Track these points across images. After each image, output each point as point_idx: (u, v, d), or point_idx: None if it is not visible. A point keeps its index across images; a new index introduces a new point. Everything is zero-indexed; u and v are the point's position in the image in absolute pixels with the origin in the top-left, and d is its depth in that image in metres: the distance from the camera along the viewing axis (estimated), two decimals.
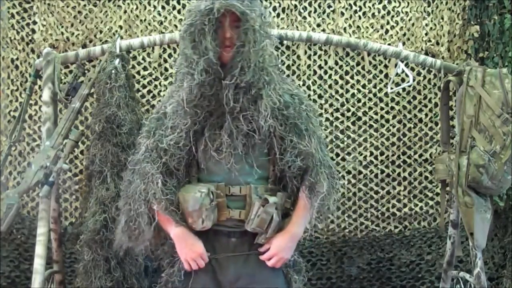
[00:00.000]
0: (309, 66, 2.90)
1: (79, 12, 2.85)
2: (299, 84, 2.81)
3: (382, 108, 2.93)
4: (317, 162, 1.84)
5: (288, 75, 1.96)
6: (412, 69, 2.88)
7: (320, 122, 2.03)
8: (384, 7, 2.94)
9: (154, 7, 2.86)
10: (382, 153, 2.94)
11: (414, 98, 2.95)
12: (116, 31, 2.83)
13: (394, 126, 2.94)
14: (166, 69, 2.86)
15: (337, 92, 2.91)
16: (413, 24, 2.95)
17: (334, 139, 2.91)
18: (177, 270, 1.91)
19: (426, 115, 2.95)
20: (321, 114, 2.86)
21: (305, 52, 2.89)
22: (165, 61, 2.86)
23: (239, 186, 1.83)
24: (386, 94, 2.91)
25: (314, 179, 1.84)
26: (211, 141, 1.81)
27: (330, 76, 2.91)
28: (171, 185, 1.83)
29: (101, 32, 2.85)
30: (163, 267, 1.99)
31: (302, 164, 1.83)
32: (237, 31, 1.75)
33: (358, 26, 2.93)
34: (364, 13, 2.93)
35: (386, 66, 2.92)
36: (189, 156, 1.85)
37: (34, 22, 2.87)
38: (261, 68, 1.78)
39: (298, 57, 2.89)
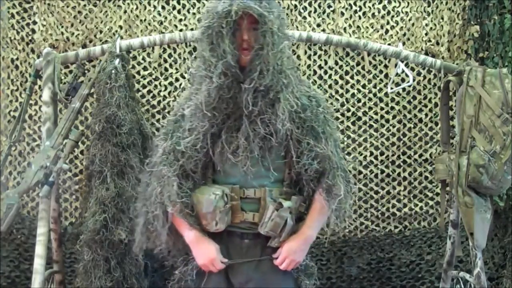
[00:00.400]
0: (309, 66, 2.90)
1: (79, 12, 2.85)
2: None
3: (382, 108, 2.93)
4: (334, 165, 1.84)
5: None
6: (412, 69, 2.87)
7: (337, 125, 2.02)
8: (384, 7, 2.94)
9: (154, 7, 2.86)
10: (382, 153, 2.94)
11: (414, 98, 2.95)
12: (116, 31, 2.83)
13: (394, 126, 2.94)
14: (166, 69, 2.86)
15: (337, 92, 2.91)
16: (413, 24, 2.95)
17: None
18: (190, 269, 1.92)
19: (426, 115, 2.95)
20: None
21: (305, 52, 2.89)
22: (165, 61, 2.86)
23: (254, 189, 1.84)
24: (386, 94, 2.91)
25: (331, 182, 1.83)
26: (228, 144, 1.81)
27: (330, 76, 2.91)
28: (187, 187, 1.84)
29: (101, 32, 2.85)
30: (176, 264, 1.98)
31: (319, 167, 1.82)
32: (255, 33, 1.75)
33: (358, 26, 2.92)
34: (364, 13, 2.93)
35: (386, 66, 2.92)
36: (206, 158, 1.85)
37: (34, 22, 2.87)
38: (280, 71, 1.78)
39: (298, 57, 2.89)
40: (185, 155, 1.83)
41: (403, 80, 2.79)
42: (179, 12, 2.87)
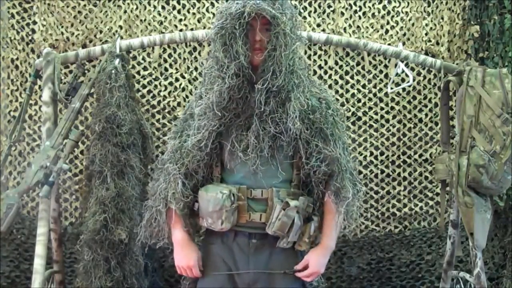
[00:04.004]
0: (309, 66, 2.90)
1: (79, 12, 2.85)
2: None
3: (382, 108, 2.93)
4: (343, 167, 1.85)
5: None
6: (412, 69, 2.87)
7: (346, 126, 2.03)
8: (384, 7, 2.94)
9: (154, 7, 2.86)
10: (382, 153, 2.94)
11: (414, 98, 2.95)
12: (116, 31, 2.83)
13: (394, 126, 2.94)
14: (166, 69, 2.86)
15: (337, 92, 2.91)
16: (413, 24, 2.95)
17: None
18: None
19: (426, 115, 2.95)
20: None
21: (305, 52, 2.89)
22: (165, 61, 2.86)
23: (261, 190, 1.84)
24: (386, 94, 2.91)
25: (339, 184, 1.84)
26: (238, 142, 1.83)
27: (330, 76, 2.91)
28: (190, 186, 1.86)
29: (101, 32, 2.85)
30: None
31: (327, 169, 1.83)
32: (268, 34, 1.76)
33: (358, 26, 2.92)
34: (364, 13, 2.93)
35: (386, 66, 2.92)
36: (210, 157, 1.86)
37: (34, 22, 2.87)
38: (291, 71, 1.79)
39: None
40: (189, 154, 1.85)
41: (403, 80, 2.79)
42: (179, 12, 2.87)
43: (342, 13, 2.91)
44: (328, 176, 1.86)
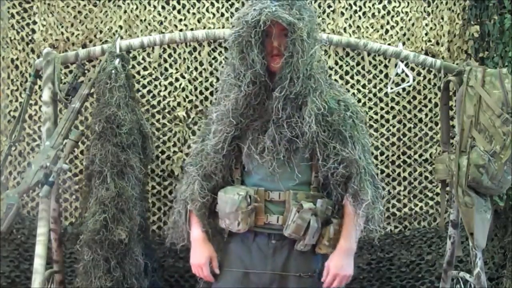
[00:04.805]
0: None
1: (79, 12, 2.85)
2: None
3: (382, 108, 2.93)
4: (361, 169, 1.83)
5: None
6: (412, 69, 2.87)
7: (366, 129, 2.02)
8: (384, 7, 2.94)
9: (154, 7, 2.86)
10: (382, 153, 2.94)
11: (414, 98, 2.95)
12: (116, 31, 2.83)
13: (394, 126, 2.94)
14: (166, 69, 2.86)
15: None
16: (413, 24, 2.95)
17: None
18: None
19: (426, 115, 2.95)
20: None
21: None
22: (165, 61, 2.86)
23: (279, 192, 1.85)
24: (386, 94, 2.91)
25: (357, 187, 1.82)
26: (254, 145, 1.84)
27: (330, 76, 2.91)
28: (208, 188, 1.89)
29: (101, 32, 2.85)
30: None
31: (345, 171, 1.82)
32: (285, 39, 1.75)
33: (358, 26, 2.92)
34: (364, 13, 2.92)
35: (386, 66, 2.92)
36: (229, 159, 1.89)
37: (34, 22, 2.86)
38: (309, 76, 1.79)
39: None
40: (208, 157, 1.89)
41: (403, 80, 2.79)
42: (179, 12, 2.87)
43: (342, 13, 2.91)
44: (346, 178, 1.85)
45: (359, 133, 1.88)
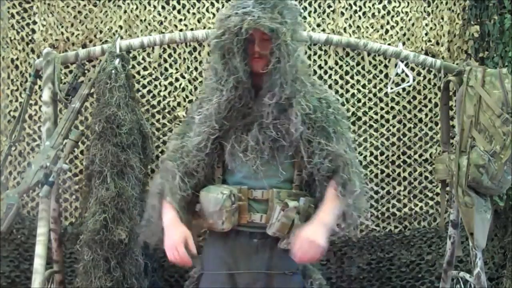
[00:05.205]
0: (309, 66, 2.90)
1: (79, 12, 2.85)
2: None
3: (382, 108, 2.93)
4: (348, 161, 1.83)
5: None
6: (412, 69, 2.87)
7: (348, 125, 2.01)
8: (384, 7, 2.94)
9: (154, 7, 2.86)
10: (382, 153, 2.94)
11: (414, 98, 2.95)
12: (116, 31, 2.83)
13: (394, 126, 2.94)
14: (166, 69, 2.86)
15: (337, 92, 2.91)
16: (413, 24, 2.95)
17: None
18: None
19: (426, 115, 2.95)
20: None
21: (305, 52, 2.89)
22: (165, 61, 2.86)
23: (262, 191, 1.84)
24: (386, 94, 2.91)
25: (347, 176, 1.81)
26: (238, 143, 1.83)
27: (330, 76, 2.91)
28: (190, 185, 1.86)
29: (101, 32, 2.85)
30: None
31: (331, 165, 1.82)
32: (268, 43, 1.75)
33: (358, 26, 2.92)
34: (364, 13, 2.92)
35: (386, 66, 2.92)
36: (211, 158, 1.87)
37: (34, 22, 2.86)
38: (295, 79, 1.79)
39: None
40: (189, 154, 1.86)
41: (403, 80, 2.79)
42: (179, 12, 2.87)
43: (342, 13, 2.91)
44: (332, 172, 1.84)
45: (342, 128, 1.89)
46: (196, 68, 2.85)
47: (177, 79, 2.85)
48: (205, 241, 1.99)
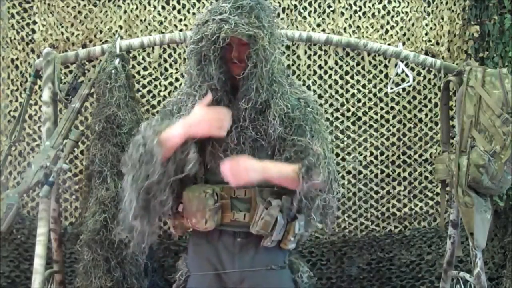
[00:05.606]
0: (309, 66, 2.90)
1: (79, 12, 2.85)
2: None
3: (382, 108, 2.93)
4: (320, 155, 1.77)
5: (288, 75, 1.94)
6: (412, 69, 2.87)
7: (326, 126, 2.00)
8: (384, 7, 2.94)
9: (154, 7, 2.86)
10: (382, 153, 2.94)
11: (414, 98, 2.95)
12: (116, 31, 2.83)
13: (394, 126, 2.94)
14: (166, 69, 2.86)
15: (337, 92, 2.91)
16: (413, 24, 2.95)
17: (334, 139, 2.91)
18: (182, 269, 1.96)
19: (426, 115, 2.95)
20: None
21: (305, 52, 2.89)
22: (165, 61, 2.86)
23: (244, 189, 1.83)
24: (386, 94, 2.91)
25: (315, 163, 1.73)
26: (218, 142, 1.82)
27: (330, 76, 2.91)
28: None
29: (101, 32, 2.85)
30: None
31: (302, 156, 1.78)
32: (245, 47, 1.74)
33: (358, 26, 2.92)
34: (364, 13, 2.93)
35: (386, 66, 2.92)
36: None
37: (34, 22, 2.87)
38: (272, 82, 1.79)
39: (298, 57, 2.89)
40: None
41: (403, 80, 2.79)
42: (179, 12, 2.87)
43: (342, 13, 2.91)
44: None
45: (320, 127, 1.88)
46: None
47: (177, 79, 2.85)
48: (188, 242, 1.98)
